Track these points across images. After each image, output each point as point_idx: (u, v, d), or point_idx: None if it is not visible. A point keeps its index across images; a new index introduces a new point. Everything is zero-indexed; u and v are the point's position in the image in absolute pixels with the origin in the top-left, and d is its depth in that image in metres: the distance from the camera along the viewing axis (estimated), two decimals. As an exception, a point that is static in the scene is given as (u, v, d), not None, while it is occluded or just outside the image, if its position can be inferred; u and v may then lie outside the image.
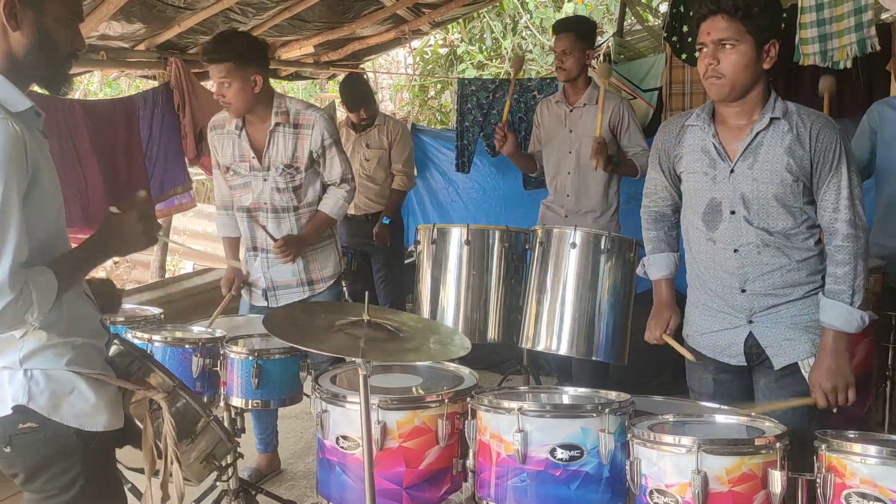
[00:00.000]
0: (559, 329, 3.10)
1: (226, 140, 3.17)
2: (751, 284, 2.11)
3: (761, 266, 2.09)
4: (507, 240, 3.33)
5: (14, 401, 1.63)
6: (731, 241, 2.11)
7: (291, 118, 3.07)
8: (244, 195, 3.18)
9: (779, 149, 2.03)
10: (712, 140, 2.11)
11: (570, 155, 3.80)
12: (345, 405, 2.14)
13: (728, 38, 1.98)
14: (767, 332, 2.12)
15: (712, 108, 2.15)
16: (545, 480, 1.90)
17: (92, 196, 4.01)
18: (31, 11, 1.60)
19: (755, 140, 2.06)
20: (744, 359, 2.16)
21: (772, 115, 2.04)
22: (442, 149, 5.65)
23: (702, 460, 1.73)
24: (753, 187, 2.06)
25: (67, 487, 1.70)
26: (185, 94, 4.44)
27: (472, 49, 8.93)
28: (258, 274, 3.23)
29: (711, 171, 2.12)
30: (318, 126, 3.06)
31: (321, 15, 4.83)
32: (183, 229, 8.62)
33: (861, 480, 1.67)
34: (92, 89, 8.88)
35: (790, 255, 2.08)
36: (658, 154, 2.29)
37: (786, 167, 2.02)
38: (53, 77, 1.72)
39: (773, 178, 2.04)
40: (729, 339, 2.18)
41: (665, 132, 2.26)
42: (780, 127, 2.04)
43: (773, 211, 2.06)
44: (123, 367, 1.87)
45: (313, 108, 3.15)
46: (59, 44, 1.66)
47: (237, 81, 2.94)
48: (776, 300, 2.10)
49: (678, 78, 4.36)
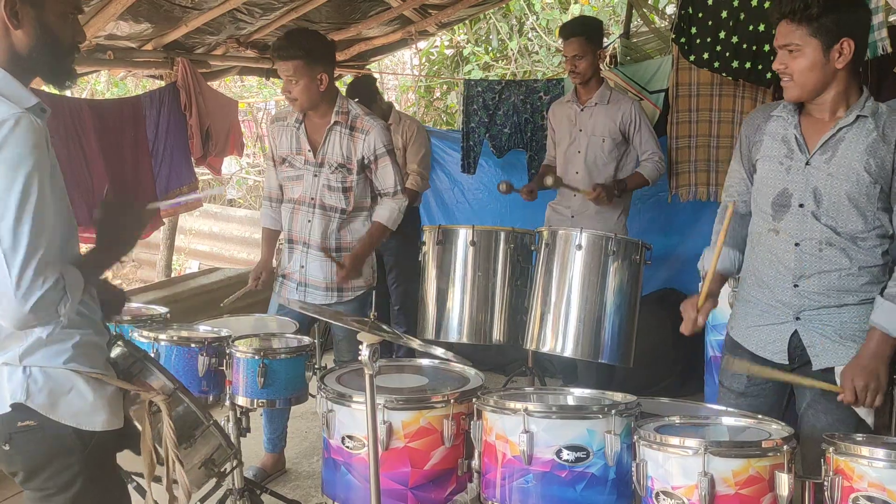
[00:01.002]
0: (565, 331, 3.10)
1: (285, 132, 3.23)
2: (804, 281, 2.06)
3: (820, 264, 2.04)
4: (513, 241, 3.33)
5: (13, 398, 1.63)
6: (793, 234, 2.07)
7: (350, 120, 3.13)
8: (295, 187, 3.23)
9: (860, 146, 1.98)
10: (794, 130, 2.08)
11: (579, 155, 3.80)
12: (350, 405, 2.14)
13: (791, 42, 1.98)
14: (813, 333, 2.07)
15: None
16: (551, 482, 1.90)
17: (98, 195, 4.01)
18: (31, 8, 1.61)
19: (837, 134, 2.01)
20: (786, 357, 2.10)
21: (859, 112, 2.00)
22: (448, 150, 5.65)
23: (709, 462, 1.73)
24: (827, 182, 2.01)
25: (67, 486, 1.70)
26: (191, 94, 4.44)
27: (479, 50, 8.93)
28: (295, 268, 3.24)
29: (787, 161, 2.08)
30: (373, 133, 3.11)
31: (328, 15, 4.83)
32: (189, 229, 8.63)
33: (869, 484, 1.67)
34: (99, 89, 8.91)
35: (853, 258, 2.02)
36: (741, 143, 2.24)
37: (864, 166, 1.97)
38: (58, 71, 1.72)
39: (850, 175, 1.98)
40: (774, 335, 2.12)
41: (749, 121, 2.23)
42: (865, 125, 2.00)
43: (844, 210, 2.00)
44: (125, 369, 1.87)
45: (372, 116, 3.18)
46: (60, 38, 1.67)
47: (304, 79, 3.00)
48: (828, 301, 2.05)
49: (685, 80, 4.33)
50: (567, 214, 3.83)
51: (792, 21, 1.97)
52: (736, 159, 2.28)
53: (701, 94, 4.26)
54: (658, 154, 3.79)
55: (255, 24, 4.51)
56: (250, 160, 9.95)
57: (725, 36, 3.89)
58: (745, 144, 2.22)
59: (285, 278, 3.29)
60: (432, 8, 5.32)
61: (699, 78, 4.23)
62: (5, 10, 1.58)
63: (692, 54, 4.03)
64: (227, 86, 9.18)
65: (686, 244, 4.61)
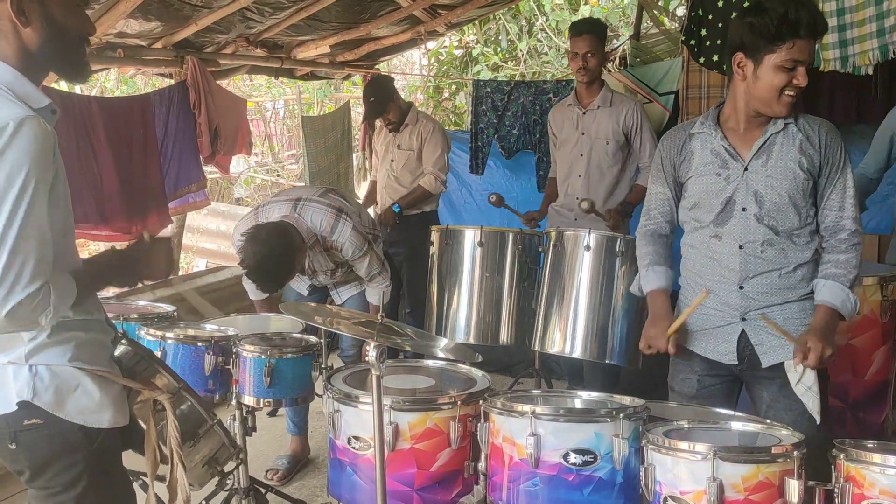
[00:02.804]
0: (572, 332, 3.09)
1: None
2: (749, 282, 2.14)
3: (762, 265, 2.13)
4: (521, 242, 3.32)
5: (19, 397, 1.63)
6: (737, 238, 2.15)
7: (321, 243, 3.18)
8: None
9: (791, 147, 2.11)
10: (721, 142, 2.17)
11: (582, 158, 3.79)
12: (357, 405, 2.13)
13: (811, 60, 2.04)
14: (759, 331, 2.15)
15: (716, 115, 2.22)
16: (558, 485, 1.89)
17: (107, 193, 4.02)
18: (37, 4, 1.61)
19: (768, 140, 2.13)
20: (735, 357, 2.18)
21: (785, 120, 2.13)
22: (456, 150, 5.64)
23: (718, 467, 1.71)
24: (767, 184, 2.12)
25: (72, 484, 1.70)
26: (200, 92, 4.45)
27: (488, 51, 8.92)
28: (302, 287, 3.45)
29: (724, 171, 2.16)
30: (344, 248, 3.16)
31: (337, 15, 4.83)
32: (197, 227, 8.65)
33: (880, 491, 1.65)
34: (108, 87, 8.94)
35: (790, 256, 2.13)
36: (661, 165, 2.31)
37: (798, 164, 2.09)
38: (69, 65, 1.72)
39: (787, 174, 2.10)
40: (722, 337, 2.20)
41: (669, 141, 2.30)
42: (790, 129, 2.13)
43: (784, 208, 2.11)
44: (130, 367, 1.87)
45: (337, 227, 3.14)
46: (68, 31, 1.67)
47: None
48: (771, 300, 2.14)
49: (695, 82, 4.32)
50: (570, 217, 3.82)
51: (813, 40, 2.02)
52: (657, 182, 2.33)
53: (711, 97, 4.25)
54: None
55: (264, 23, 4.51)
56: (258, 159, 9.97)
57: (736, 38, 3.87)
58: (668, 165, 2.28)
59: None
60: (442, 8, 5.32)
61: (709, 80, 4.22)
62: (13, 9, 1.58)
63: (702, 56, 4.02)
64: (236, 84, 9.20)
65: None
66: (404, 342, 2.03)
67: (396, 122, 4.41)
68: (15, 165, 1.49)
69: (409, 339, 2.09)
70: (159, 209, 4.39)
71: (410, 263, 4.44)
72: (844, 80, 3.75)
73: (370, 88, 4.46)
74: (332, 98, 10.46)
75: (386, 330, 2.00)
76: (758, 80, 2.06)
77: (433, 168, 4.39)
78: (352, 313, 2.25)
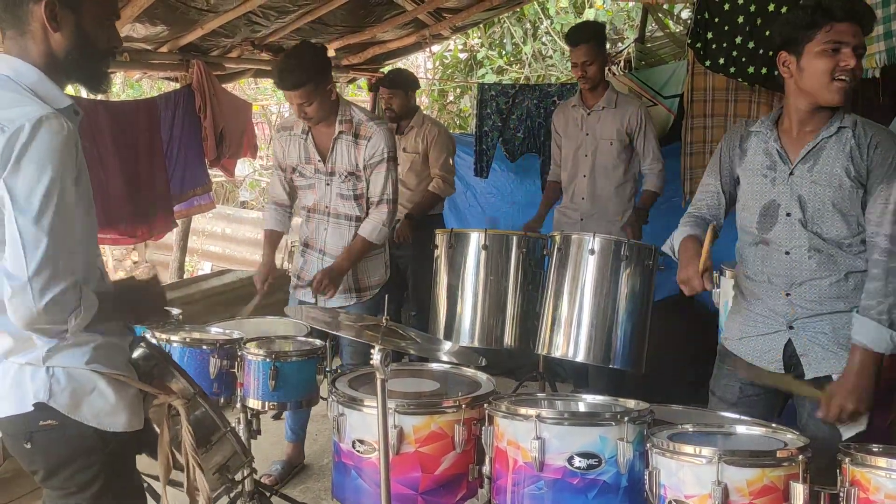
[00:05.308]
0: (576, 336, 3.08)
1: (292, 142, 3.23)
2: (796, 289, 2.10)
3: (810, 271, 2.07)
4: (525, 245, 3.32)
5: (35, 398, 1.64)
6: (783, 243, 2.11)
7: (354, 127, 3.12)
8: (308, 195, 3.26)
9: (841, 153, 2.04)
10: (774, 144, 2.14)
11: (587, 158, 3.80)
12: (362, 409, 2.13)
13: (863, 44, 2.00)
14: (806, 341, 2.10)
15: (776, 117, 2.18)
16: (562, 489, 1.88)
17: (112, 196, 4.03)
18: (71, 13, 1.64)
19: (818, 144, 2.07)
20: (781, 366, 2.13)
21: (840, 123, 2.06)
22: (461, 153, 5.63)
23: (722, 471, 1.71)
24: (811, 190, 2.07)
25: (86, 485, 1.71)
26: (206, 96, 4.46)
27: (492, 54, 8.92)
28: (311, 272, 3.26)
29: (771, 173, 2.13)
30: (374, 137, 3.11)
31: (342, 19, 4.84)
32: (202, 230, 8.67)
33: (886, 495, 1.65)
34: (114, 90, 8.97)
35: (840, 263, 2.06)
36: (719, 158, 2.28)
37: (845, 171, 2.02)
38: (93, 76, 1.76)
39: (832, 181, 2.04)
40: (768, 345, 2.15)
41: (729, 137, 2.27)
42: (844, 134, 2.06)
43: (829, 216, 2.05)
44: (147, 370, 1.88)
45: (378, 120, 3.17)
46: (97, 43, 1.70)
47: (317, 98, 3.01)
48: (820, 309, 2.08)
49: (700, 85, 4.31)
50: (576, 217, 3.83)
51: (855, 23, 1.98)
52: (711, 174, 2.30)
53: (716, 100, 4.24)
54: (659, 163, 3.79)
55: (270, 27, 4.52)
56: (263, 162, 9.99)
57: (741, 41, 3.87)
58: (726, 159, 2.27)
59: (300, 279, 3.31)
60: (446, 11, 5.32)
61: (714, 83, 4.21)
62: (46, 14, 1.62)
63: (707, 59, 4.01)
64: (242, 88, 9.22)
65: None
66: (408, 346, 2.03)
67: (397, 112, 4.42)
68: (39, 163, 1.51)
69: (414, 342, 2.09)
70: (164, 212, 4.40)
71: (416, 266, 4.44)
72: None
73: (400, 76, 4.57)
74: (337, 101, 10.44)
75: (390, 333, 2.00)
76: (802, 71, 2.02)
77: (440, 171, 4.41)
78: (357, 317, 2.25)
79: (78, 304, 1.57)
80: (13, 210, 1.51)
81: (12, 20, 1.63)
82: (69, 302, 1.56)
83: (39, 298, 1.52)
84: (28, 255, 1.51)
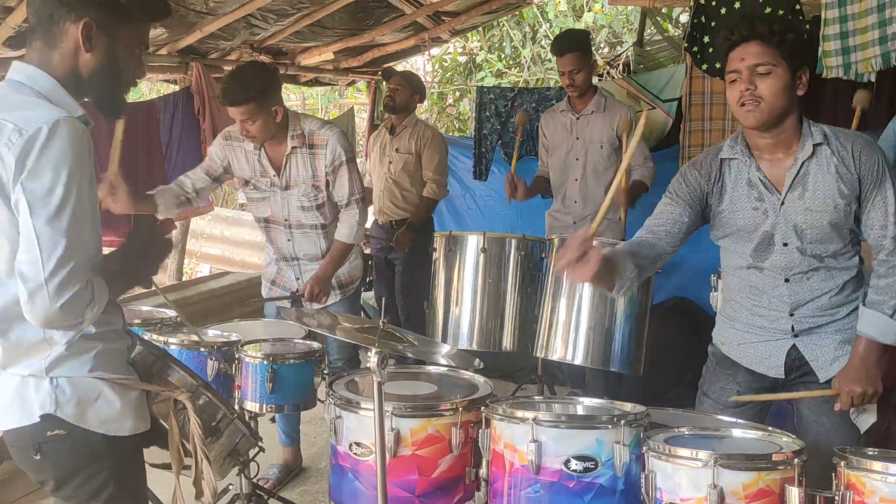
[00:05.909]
0: (575, 339, 3.09)
1: (245, 155, 3.19)
2: (800, 309, 2.10)
3: (811, 292, 2.08)
4: (524, 248, 3.32)
5: (41, 409, 1.64)
6: (781, 271, 2.08)
7: (307, 139, 3.10)
8: (261, 207, 3.23)
9: (827, 175, 2.00)
10: (757, 173, 2.06)
11: (578, 162, 3.81)
12: (359, 411, 2.13)
13: (764, 62, 1.94)
14: (813, 346, 2.10)
15: (745, 140, 2.09)
16: (559, 492, 1.89)
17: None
18: (105, 36, 1.66)
19: (801, 170, 2.02)
20: (783, 371, 2.13)
21: (813, 141, 2.00)
22: (459, 156, 5.65)
23: (718, 475, 1.71)
24: (807, 217, 2.03)
25: (97, 492, 1.71)
26: (205, 98, 4.47)
27: (492, 57, 8.94)
28: (291, 280, 3.28)
29: (761, 205, 2.07)
30: (330, 144, 3.08)
31: (342, 22, 4.85)
32: (200, 233, 8.68)
33: (881, 499, 1.65)
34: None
35: (836, 278, 2.07)
36: (685, 188, 2.13)
37: (838, 192, 2.00)
38: (110, 101, 1.76)
39: (827, 205, 2.01)
40: (770, 351, 2.14)
41: (698, 167, 2.14)
42: (822, 153, 2.01)
43: (826, 236, 2.04)
44: (145, 369, 1.88)
45: (328, 126, 3.15)
46: (123, 70, 1.73)
47: (260, 117, 2.96)
48: (822, 320, 2.09)
49: (698, 88, 4.33)
50: (568, 221, 3.83)
51: (766, 43, 1.95)
52: (675, 202, 2.14)
53: (714, 104, 4.25)
54: (650, 162, 3.78)
55: (269, 30, 4.53)
56: (262, 165, 9.99)
57: (739, 45, 3.88)
58: (696, 192, 2.12)
59: (274, 284, 3.33)
60: (446, 15, 5.34)
61: (712, 87, 4.22)
62: (82, 33, 1.63)
63: (705, 63, 4.02)
64: (241, 90, 9.22)
65: (697, 253, 4.55)
66: (405, 348, 2.03)
67: (397, 104, 4.44)
68: (56, 165, 1.52)
69: (411, 345, 2.09)
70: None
71: (407, 269, 4.46)
72: (847, 87, 3.75)
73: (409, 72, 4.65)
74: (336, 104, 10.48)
75: (387, 336, 2.00)
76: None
77: (433, 174, 4.44)
78: (353, 319, 2.25)
79: (91, 296, 1.57)
80: (29, 212, 1.51)
81: (45, 35, 1.64)
82: (84, 298, 1.56)
83: (56, 299, 1.52)
84: (44, 257, 1.51)
